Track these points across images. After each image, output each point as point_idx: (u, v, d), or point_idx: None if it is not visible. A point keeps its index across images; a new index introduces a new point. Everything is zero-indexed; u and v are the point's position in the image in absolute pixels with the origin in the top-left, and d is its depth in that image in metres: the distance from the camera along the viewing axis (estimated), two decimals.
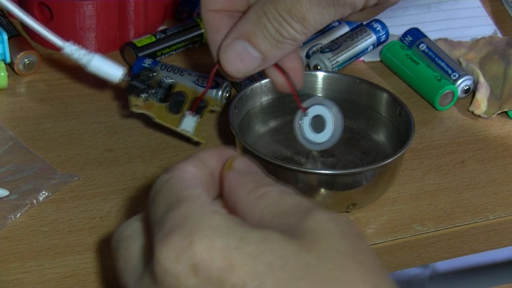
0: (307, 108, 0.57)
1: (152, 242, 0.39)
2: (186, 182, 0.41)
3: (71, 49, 0.58)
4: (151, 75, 0.60)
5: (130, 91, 0.59)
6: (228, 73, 0.50)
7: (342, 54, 0.72)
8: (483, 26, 0.81)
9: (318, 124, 0.57)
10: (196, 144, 0.63)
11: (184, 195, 0.40)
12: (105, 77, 0.58)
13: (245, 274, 0.37)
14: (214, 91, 0.66)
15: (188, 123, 0.59)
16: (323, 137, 0.58)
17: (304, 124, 0.57)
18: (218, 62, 0.50)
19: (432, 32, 0.77)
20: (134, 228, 0.44)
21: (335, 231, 0.38)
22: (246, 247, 0.37)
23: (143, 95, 0.59)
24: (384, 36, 0.75)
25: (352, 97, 0.64)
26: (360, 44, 0.73)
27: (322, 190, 0.57)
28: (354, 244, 0.39)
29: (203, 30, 0.74)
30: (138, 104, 0.59)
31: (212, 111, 0.64)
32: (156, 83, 0.60)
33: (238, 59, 0.49)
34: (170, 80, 0.61)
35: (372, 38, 0.74)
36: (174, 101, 0.60)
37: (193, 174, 0.42)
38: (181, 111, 0.60)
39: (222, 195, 0.44)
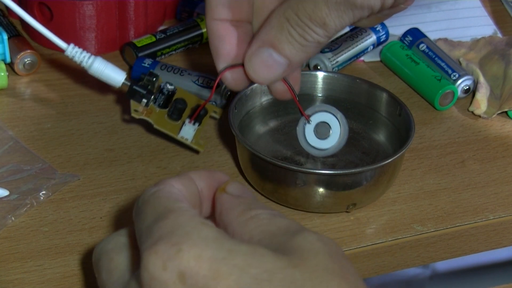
0: (310, 116, 0.57)
1: (140, 250, 0.39)
2: (174, 196, 0.42)
3: (73, 52, 0.58)
4: (153, 79, 0.60)
5: (131, 96, 0.59)
6: (255, 81, 0.51)
7: (342, 54, 0.72)
8: (483, 26, 0.81)
9: (321, 130, 0.58)
10: (196, 151, 0.62)
11: (173, 206, 0.40)
12: (106, 81, 0.58)
13: (231, 283, 0.37)
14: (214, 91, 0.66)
15: (188, 131, 0.59)
16: (329, 143, 0.58)
17: (307, 131, 0.58)
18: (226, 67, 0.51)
19: (432, 32, 0.77)
20: (117, 242, 0.44)
21: (323, 250, 0.39)
22: (234, 258, 0.37)
23: (144, 101, 0.59)
24: (384, 36, 0.75)
25: (352, 97, 0.64)
26: (360, 44, 0.73)
27: (322, 190, 0.57)
28: (341, 264, 0.39)
29: (203, 30, 0.74)
30: (138, 109, 0.59)
31: (212, 117, 0.64)
32: (157, 89, 0.60)
33: (264, 67, 0.50)
34: (171, 87, 0.61)
35: (372, 38, 0.74)
36: (174, 108, 0.60)
37: (180, 190, 0.43)
38: (181, 119, 0.60)
39: (213, 217, 0.44)
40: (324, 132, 0.58)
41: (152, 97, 0.59)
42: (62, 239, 0.55)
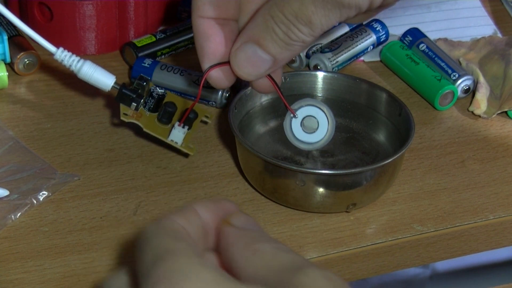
0: (296, 110, 0.57)
1: None
2: (175, 234, 0.41)
3: (63, 55, 0.58)
4: (143, 83, 0.60)
5: (121, 100, 0.59)
6: (239, 76, 0.50)
7: (342, 54, 0.72)
8: (483, 26, 0.81)
9: (308, 124, 0.57)
10: (186, 155, 0.62)
11: (173, 247, 0.39)
12: (96, 84, 0.58)
13: None
14: (214, 91, 0.66)
15: (177, 135, 0.59)
16: (317, 137, 0.57)
17: (294, 126, 0.57)
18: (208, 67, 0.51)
19: (432, 32, 0.77)
20: (120, 282, 0.43)
21: (327, 287, 0.38)
22: None
23: (133, 104, 0.59)
24: (384, 36, 0.75)
25: (352, 97, 0.64)
26: (360, 44, 0.73)
27: (322, 190, 0.57)
28: None
29: None
30: (127, 113, 0.59)
31: (204, 122, 0.64)
32: (147, 93, 0.60)
33: (249, 63, 0.49)
34: (161, 90, 0.61)
35: (372, 38, 0.74)
36: (164, 111, 0.60)
37: (183, 226, 0.42)
38: (171, 122, 0.60)
39: (217, 249, 0.43)
40: (311, 126, 0.57)
41: (142, 100, 0.60)
42: (62, 239, 0.55)
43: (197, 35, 0.51)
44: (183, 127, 0.59)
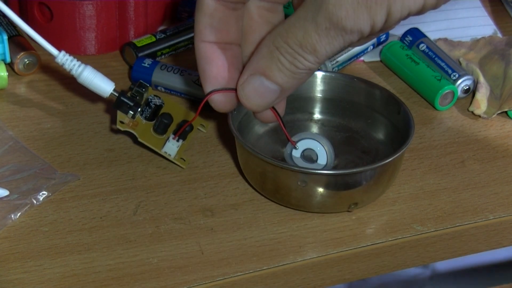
0: (297, 142, 0.57)
1: None
2: None
3: (64, 59, 0.58)
4: (142, 90, 0.60)
5: (118, 107, 0.59)
6: (248, 108, 0.51)
7: (342, 54, 0.72)
8: (483, 26, 0.81)
9: (308, 155, 0.58)
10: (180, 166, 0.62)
11: None
12: (94, 90, 0.58)
13: None
14: None
15: (171, 148, 0.60)
16: (317, 167, 0.58)
17: (295, 156, 0.58)
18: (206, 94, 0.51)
19: (432, 32, 0.77)
20: None
21: None
22: None
23: (130, 113, 0.59)
24: (384, 36, 0.75)
25: (351, 97, 0.64)
26: None
27: (322, 190, 0.57)
28: None
29: None
30: (124, 121, 0.59)
31: (199, 130, 0.64)
32: (145, 101, 0.61)
33: (256, 94, 0.49)
34: (159, 100, 0.61)
35: None
36: (160, 122, 0.60)
37: None
38: (165, 133, 0.61)
39: None
40: (311, 157, 0.58)
41: (139, 109, 0.60)
42: (62, 239, 0.55)
43: (199, 59, 0.51)
44: (178, 140, 0.60)
